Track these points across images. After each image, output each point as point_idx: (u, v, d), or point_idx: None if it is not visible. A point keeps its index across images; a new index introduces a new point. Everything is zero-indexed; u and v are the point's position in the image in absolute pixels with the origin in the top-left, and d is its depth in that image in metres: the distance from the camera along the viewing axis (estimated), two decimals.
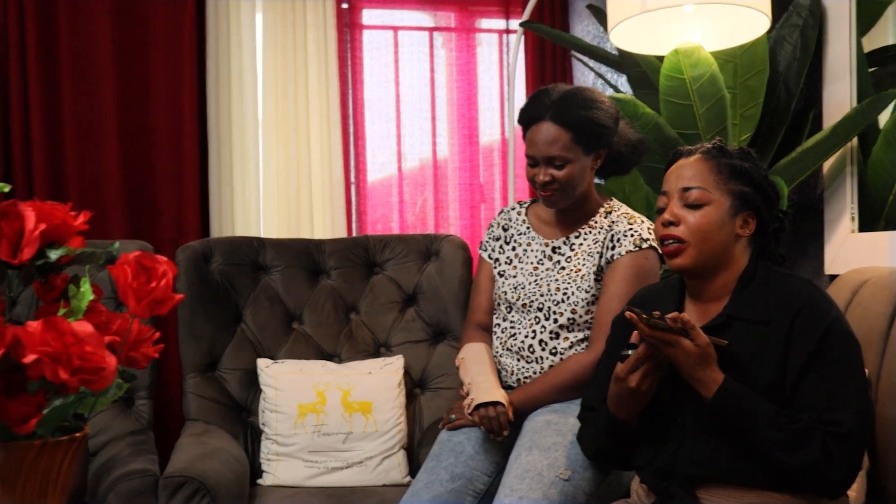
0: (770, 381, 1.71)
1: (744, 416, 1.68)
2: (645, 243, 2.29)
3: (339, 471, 2.73)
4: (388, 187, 4.05)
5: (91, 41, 3.57)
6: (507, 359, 2.39)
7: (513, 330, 2.38)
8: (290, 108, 3.81)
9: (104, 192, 3.57)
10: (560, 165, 2.28)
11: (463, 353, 2.45)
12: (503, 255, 2.49)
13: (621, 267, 2.28)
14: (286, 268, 3.07)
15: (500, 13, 4.17)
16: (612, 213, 2.38)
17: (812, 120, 2.70)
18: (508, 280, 2.43)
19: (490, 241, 2.54)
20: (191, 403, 2.87)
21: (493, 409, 2.23)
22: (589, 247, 2.34)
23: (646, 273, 2.28)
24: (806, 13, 2.64)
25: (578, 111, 2.27)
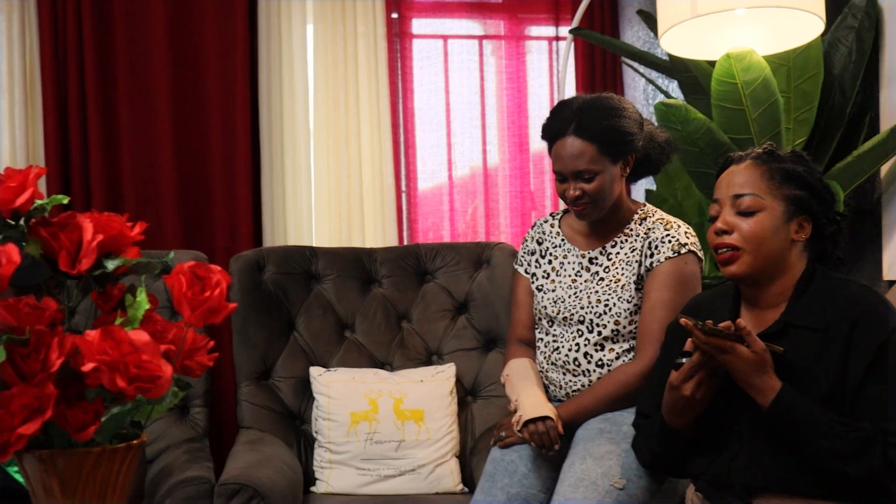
0: (828, 390, 1.68)
1: (802, 424, 1.65)
2: (683, 248, 2.26)
3: (391, 479, 2.73)
4: (439, 195, 4.06)
5: (146, 53, 3.63)
6: (554, 373, 2.38)
7: (556, 344, 2.37)
8: (340, 118, 3.83)
9: (159, 203, 3.62)
10: (589, 178, 2.26)
11: (507, 370, 2.44)
12: (539, 269, 2.48)
13: (661, 274, 2.26)
14: (338, 276, 3.09)
15: (549, 20, 4.16)
16: (647, 220, 2.35)
17: (868, 123, 2.66)
18: (547, 294, 2.41)
19: (525, 255, 2.53)
20: (245, 411, 2.90)
21: (543, 424, 2.21)
22: (626, 255, 2.32)
23: (687, 278, 2.25)
24: (861, 14, 2.60)
25: (601, 121, 2.24)
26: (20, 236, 1.31)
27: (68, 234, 1.33)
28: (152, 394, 1.22)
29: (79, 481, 1.22)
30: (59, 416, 1.18)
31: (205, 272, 1.32)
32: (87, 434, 1.20)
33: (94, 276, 1.34)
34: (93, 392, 1.20)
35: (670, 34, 2.58)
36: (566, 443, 2.26)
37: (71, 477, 1.22)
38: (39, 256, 1.33)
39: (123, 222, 1.39)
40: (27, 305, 1.26)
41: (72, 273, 1.33)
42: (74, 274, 1.32)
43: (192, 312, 1.28)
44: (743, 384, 1.71)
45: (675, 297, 2.19)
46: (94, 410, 1.22)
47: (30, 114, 3.56)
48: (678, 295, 2.19)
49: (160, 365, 1.23)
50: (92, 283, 1.35)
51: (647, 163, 2.37)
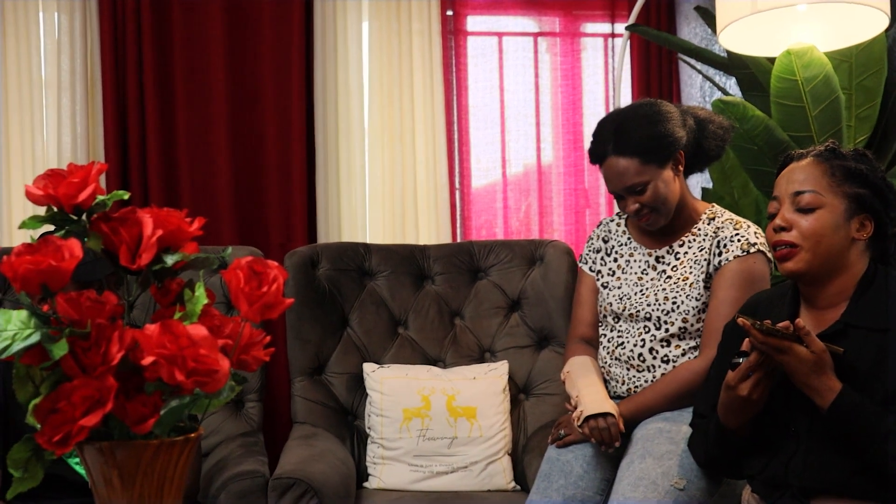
0: (889, 392, 1.65)
1: (862, 427, 1.63)
2: (752, 248, 2.24)
3: (443, 475, 2.74)
4: (493, 193, 4.05)
5: (203, 52, 3.68)
6: (617, 368, 2.36)
7: (620, 339, 2.35)
8: (395, 115, 3.85)
9: (215, 199, 3.66)
10: (641, 190, 2.25)
11: (568, 367, 2.43)
12: (605, 266, 2.47)
13: (729, 272, 2.24)
14: (391, 273, 3.11)
15: (605, 17, 4.13)
16: (715, 219, 2.33)
17: None
18: (613, 291, 2.40)
19: (590, 253, 2.52)
20: (298, 406, 2.92)
21: (604, 421, 2.19)
22: (695, 254, 2.30)
23: (755, 278, 2.23)
24: None
25: (638, 133, 2.24)
26: (82, 231, 1.33)
27: (128, 230, 1.35)
28: (209, 388, 1.23)
29: (137, 473, 1.24)
30: (119, 408, 1.20)
31: (262, 268, 1.33)
32: (146, 427, 1.22)
33: (153, 271, 1.36)
34: (152, 385, 1.22)
35: (729, 30, 2.55)
36: (624, 442, 2.25)
37: (130, 468, 1.23)
38: (100, 251, 1.36)
39: (182, 218, 1.41)
40: (88, 299, 1.28)
41: (132, 268, 1.35)
42: (134, 268, 1.34)
43: (249, 307, 1.29)
44: (801, 385, 1.68)
45: (741, 296, 2.16)
46: (153, 403, 1.23)
47: (90, 111, 3.63)
48: (745, 294, 2.16)
49: (217, 359, 1.24)
50: (151, 278, 1.37)
51: (703, 153, 2.35)
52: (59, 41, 3.58)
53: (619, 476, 2.15)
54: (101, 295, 1.30)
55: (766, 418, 1.79)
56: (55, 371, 1.24)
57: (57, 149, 3.57)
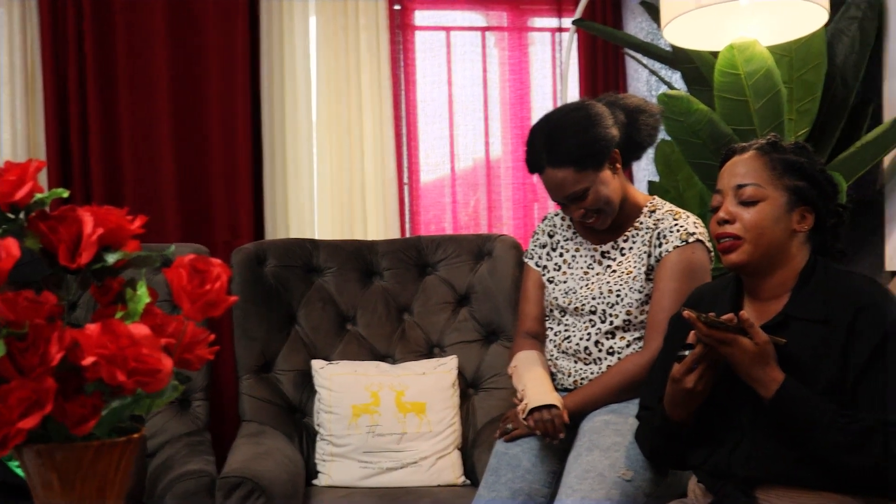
0: (830, 382, 1.68)
1: (803, 416, 1.65)
2: (691, 237, 2.26)
3: (393, 471, 2.73)
4: (441, 188, 4.05)
5: (147, 46, 3.62)
6: (564, 361, 2.38)
7: (567, 332, 2.37)
8: (343, 110, 3.83)
9: (160, 196, 3.61)
10: (582, 196, 2.27)
11: (515, 361, 2.43)
12: (551, 261, 2.47)
13: (669, 263, 2.26)
14: (339, 269, 3.09)
15: (552, 11, 4.15)
16: (656, 212, 2.35)
17: (871, 114, 2.65)
18: (559, 286, 2.41)
19: (536, 248, 2.52)
20: (246, 404, 2.90)
21: (548, 412, 2.21)
22: (638, 248, 2.32)
23: (695, 268, 2.25)
24: (864, 5, 2.59)
25: (569, 142, 2.25)
26: (19, 230, 1.30)
27: (67, 228, 1.32)
28: (152, 387, 1.21)
29: (77, 475, 1.22)
30: (59, 410, 1.18)
31: (205, 265, 1.31)
32: (86, 428, 1.20)
33: (93, 270, 1.34)
34: (92, 386, 1.19)
35: (673, 25, 2.57)
36: (571, 435, 2.26)
37: (70, 471, 1.21)
38: (38, 250, 1.33)
39: (123, 216, 1.38)
40: (26, 300, 1.25)
41: (71, 267, 1.32)
42: (74, 268, 1.32)
43: (191, 306, 1.27)
44: (745, 376, 1.70)
45: (682, 287, 2.19)
46: (93, 404, 1.21)
47: (30, 107, 3.55)
48: (686, 284, 2.19)
49: (160, 358, 1.22)
50: (91, 277, 1.34)
51: (635, 144, 2.36)
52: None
53: (566, 469, 2.16)
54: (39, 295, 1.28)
55: (711, 410, 1.81)
56: None
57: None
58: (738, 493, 1.73)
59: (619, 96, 2.40)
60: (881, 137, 2.46)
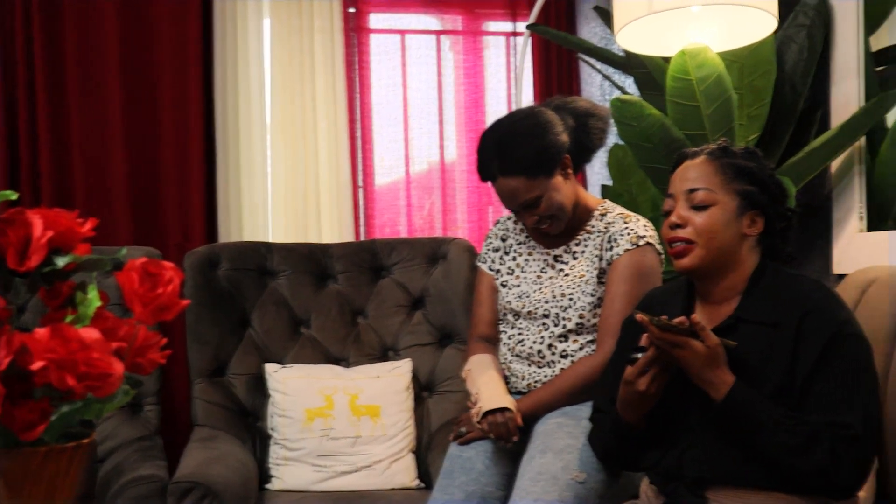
0: (779, 384, 1.70)
1: (753, 418, 1.67)
2: (642, 240, 2.28)
3: (347, 475, 2.73)
4: (396, 191, 4.05)
5: (97, 48, 3.58)
6: (517, 365, 2.38)
7: (521, 336, 2.37)
8: (297, 113, 3.81)
9: (111, 199, 3.57)
10: (535, 204, 2.28)
11: (468, 365, 2.43)
12: (504, 265, 2.48)
13: (621, 267, 2.27)
14: (293, 272, 3.08)
15: (506, 16, 4.17)
16: (607, 215, 2.36)
17: (819, 120, 2.69)
18: (512, 290, 2.42)
19: (489, 252, 2.52)
20: (198, 409, 2.87)
21: (502, 416, 2.22)
22: (590, 252, 2.34)
23: (645, 270, 2.27)
24: (812, 13, 2.63)
25: (520, 151, 2.25)
26: None
27: (16, 231, 1.30)
28: (102, 392, 1.20)
29: (26, 481, 1.20)
30: (6, 415, 1.16)
31: (157, 269, 1.30)
32: (35, 433, 1.18)
33: (42, 274, 1.32)
34: (40, 391, 1.18)
35: (626, 30, 2.59)
36: (525, 438, 2.27)
37: (17, 477, 1.19)
38: None
39: (73, 219, 1.37)
40: None
41: (20, 270, 1.30)
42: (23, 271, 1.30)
43: (143, 309, 1.26)
44: (696, 379, 1.72)
45: (633, 290, 2.21)
46: (42, 409, 1.20)
47: None
48: (637, 287, 2.21)
49: (110, 363, 1.21)
50: (40, 281, 1.32)
51: (585, 148, 2.37)
52: None
53: (520, 471, 2.17)
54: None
55: (663, 412, 1.83)
56: None
57: None
58: (689, 494, 1.75)
59: (567, 100, 2.40)
60: (829, 143, 2.51)
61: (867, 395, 1.68)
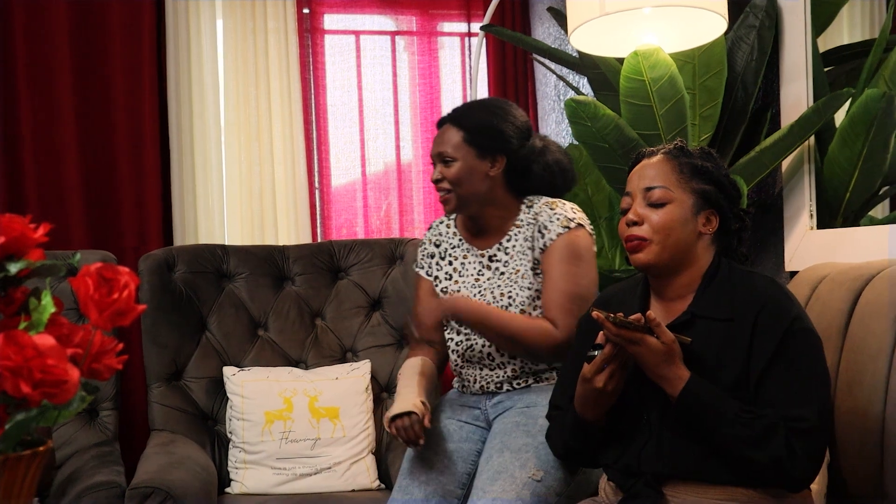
0: (734, 379, 1.73)
1: (709, 412, 1.70)
2: (572, 222, 2.29)
3: (307, 477, 2.72)
4: (353, 192, 4.04)
5: (48, 47, 3.52)
6: (469, 369, 2.38)
7: (469, 342, 2.36)
8: (252, 114, 3.79)
9: (64, 202, 3.51)
10: (448, 162, 2.31)
11: (400, 371, 2.43)
12: (441, 271, 2.47)
13: (555, 250, 2.28)
14: (250, 275, 3.07)
15: (461, 16, 4.18)
16: (533, 206, 2.36)
17: (770, 119, 2.73)
18: (452, 295, 2.41)
19: (424, 258, 2.52)
20: (156, 413, 2.86)
21: (407, 419, 2.20)
22: (521, 245, 2.34)
23: (580, 249, 2.28)
24: (762, 14, 2.67)
25: (477, 115, 2.33)
26: None
27: None
28: (58, 399, 1.19)
29: None
30: None
31: (112, 274, 1.29)
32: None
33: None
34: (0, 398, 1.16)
35: (579, 32, 2.61)
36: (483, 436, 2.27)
37: None
38: None
39: (26, 223, 1.35)
40: None
41: None
42: None
43: (99, 315, 1.25)
44: (653, 375, 1.75)
45: (572, 269, 2.23)
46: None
47: None
48: (575, 266, 2.23)
49: (66, 369, 1.20)
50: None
51: (529, 176, 2.38)
52: None
53: (479, 470, 2.18)
54: None
55: (621, 409, 1.85)
56: None
57: None
58: (648, 490, 1.77)
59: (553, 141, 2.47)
60: (780, 142, 2.54)
61: (819, 388, 1.71)
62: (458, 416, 2.38)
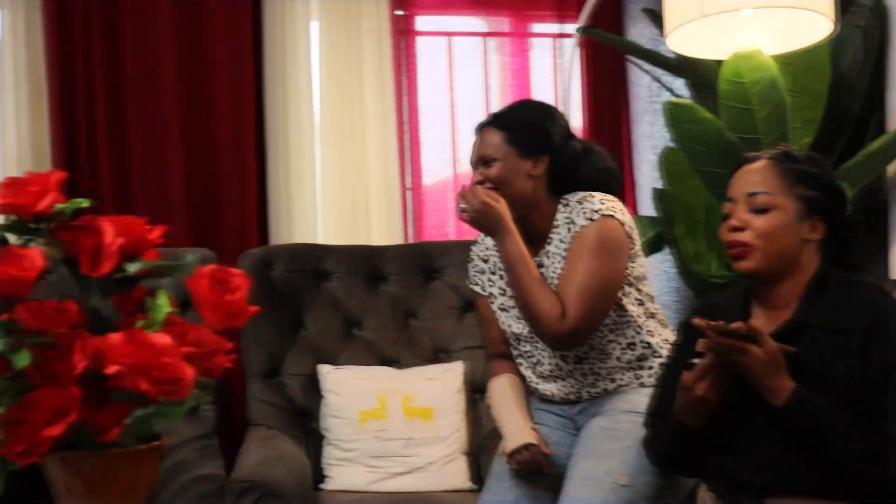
0: (844, 391, 1.69)
1: (817, 424, 1.66)
2: (596, 214, 2.18)
3: (401, 476, 2.75)
4: (444, 192, 4.05)
5: (154, 51, 3.59)
6: (545, 384, 2.34)
7: (534, 358, 2.33)
8: (345, 115, 3.82)
9: (168, 201, 3.59)
10: (489, 163, 2.25)
11: (489, 394, 2.41)
12: (494, 287, 2.40)
13: (577, 240, 2.18)
14: (346, 274, 3.11)
15: (553, 17, 4.15)
16: (568, 205, 2.27)
17: (875, 123, 2.67)
18: (510, 312, 2.35)
19: (476, 275, 2.46)
20: (254, 409, 2.92)
21: (527, 452, 2.19)
22: (557, 246, 2.26)
23: (603, 240, 2.16)
24: (868, 14, 2.61)
25: (518, 115, 2.30)
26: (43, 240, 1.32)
27: (88, 238, 1.34)
28: (175, 396, 1.23)
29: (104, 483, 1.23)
30: (87, 418, 1.19)
31: (225, 275, 1.33)
32: (112, 436, 1.22)
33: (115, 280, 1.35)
34: (119, 394, 1.21)
35: (678, 33, 2.58)
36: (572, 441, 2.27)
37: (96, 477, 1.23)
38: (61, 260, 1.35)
39: (143, 225, 1.40)
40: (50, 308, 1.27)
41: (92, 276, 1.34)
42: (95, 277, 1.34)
43: (213, 315, 1.29)
44: (756, 384, 1.72)
45: (592, 262, 2.13)
46: (118, 413, 1.23)
47: (35, 113, 3.54)
48: (596, 259, 2.14)
49: (182, 367, 1.24)
50: (113, 287, 1.36)
51: (574, 176, 2.31)
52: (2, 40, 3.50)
53: (567, 475, 2.17)
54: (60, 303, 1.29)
55: (724, 417, 1.82)
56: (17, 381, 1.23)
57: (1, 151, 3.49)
58: (750, 502, 1.74)
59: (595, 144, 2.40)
60: (886, 147, 2.49)
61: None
62: (545, 422, 2.36)
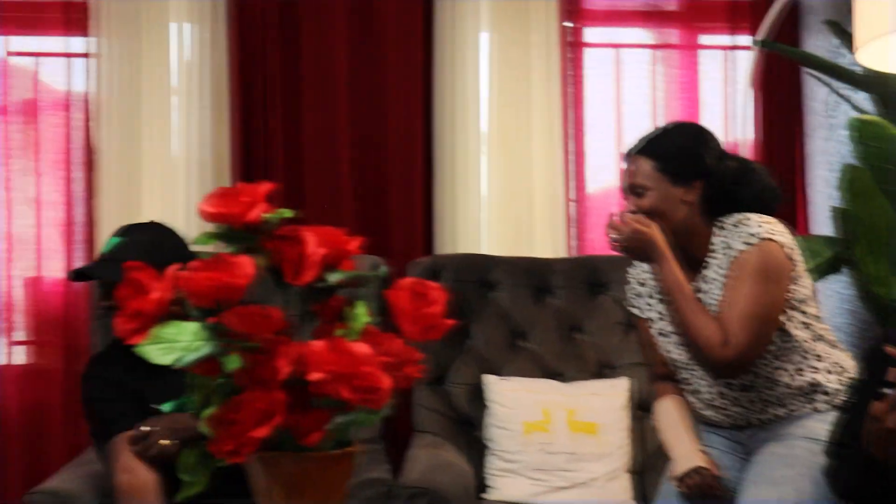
0: None
1: None
2: (754, 238, 2.11)
3: (564, 490, 2.75)
4: (608, 205, 4.01)
5: (328, 62, 3.71)
6: (710, 412, 2.28)
7: (693, 387, 2.28)
8: (512, 127, 3.84)
9: (338, 208, 3.68)
10: (641, 193, 2.19)
11: (655, 418, 2.38)
12: (652, 310, 2.36)
13: (737, 266, 2.11)
14: (513, 285, 3.13)
15: (725, 29, 4.06)
16: (724, 228, 2.20)
17: None
18: (670, 338, 2.29)
19: (634, 297, 2.44)
20: (420, 415, 2.97)
21: (698, 476, 2.15)
22: (716, 272, 2.19)
23: (762, 264, 2.09)
24: None
25: (669, 140, 2.22)
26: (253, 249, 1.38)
27: (291, 247, 1.40)
28: (374, 404, 1.27)
29: (302, 485, 1.28)
30: (292, 422, 1.24)
31: (423, 288, 1.36)
32: (313, 440, 1.26)
33: (316, 289, 1.40)
34: (322, 400, 1.25)
35: (869, 47, 2.49)
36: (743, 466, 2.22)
37: (296, 480, 1.28)
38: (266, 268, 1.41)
39: (342, 236, 1.45)
40: (256, 314, 1.33)
41: (294, 285, 1.39)
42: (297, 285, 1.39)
43: (412, 327, 1.33)
44: None
45: (753, 287, 2.07)
46: (320, 418, 1.28)
47: (217, 118, 3.69)
48: (757, 285, 2.07)
49: (380, 377, 1.28)
50: (314, 295, 1.41)
51: (731, 198, 2.23)
52: (190, 51, 3.68)
53: (738, 501, 2.13)
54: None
55: None
56: (226, 383, 1.29)
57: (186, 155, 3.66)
58: None
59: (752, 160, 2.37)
60: None
61: None
62: (714, 445, 2.31)
